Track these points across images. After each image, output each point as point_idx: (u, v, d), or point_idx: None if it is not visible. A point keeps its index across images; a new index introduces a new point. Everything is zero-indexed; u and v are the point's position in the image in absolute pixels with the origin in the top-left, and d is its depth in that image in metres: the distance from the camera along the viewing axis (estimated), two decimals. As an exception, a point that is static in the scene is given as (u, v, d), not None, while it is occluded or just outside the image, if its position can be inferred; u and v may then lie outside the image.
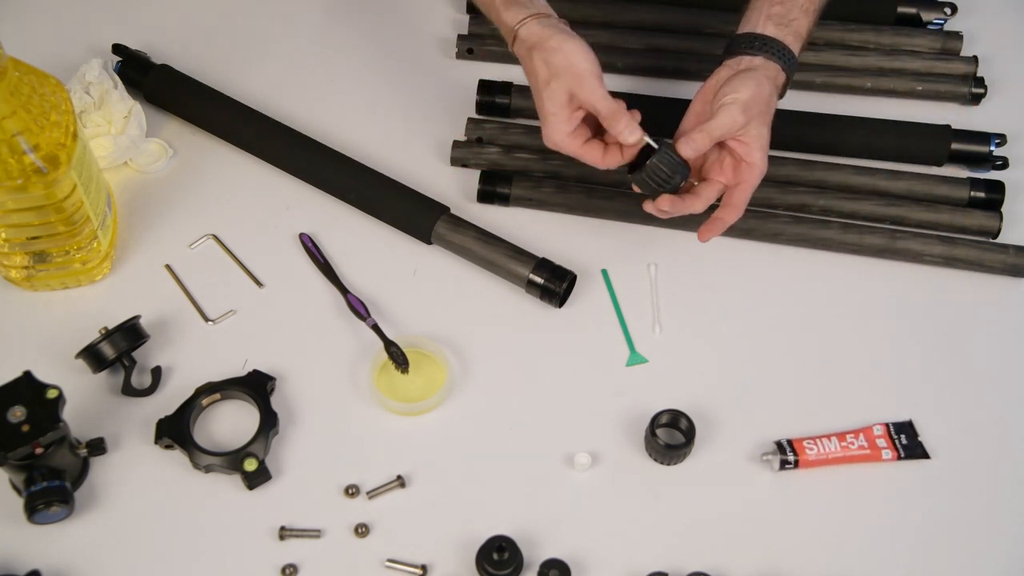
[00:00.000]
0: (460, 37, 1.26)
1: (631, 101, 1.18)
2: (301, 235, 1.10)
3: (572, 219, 1.12)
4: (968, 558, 0.92)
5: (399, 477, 0.94)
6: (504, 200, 1.11)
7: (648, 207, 0.99)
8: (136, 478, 0.94)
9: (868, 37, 1.25)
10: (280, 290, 1.07)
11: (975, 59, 1.23)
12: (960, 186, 1.13)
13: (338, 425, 0.98)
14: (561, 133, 0.97)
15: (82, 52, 1.20)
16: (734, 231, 1.09)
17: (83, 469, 0.93)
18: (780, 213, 1.11)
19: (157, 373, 0.99)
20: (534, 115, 1.18)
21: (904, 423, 0.99)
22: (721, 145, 0.98)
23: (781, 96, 1.01)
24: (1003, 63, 1.27)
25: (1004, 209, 1.12)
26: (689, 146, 0.94)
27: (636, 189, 0.99)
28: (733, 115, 0.94)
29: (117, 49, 1.20)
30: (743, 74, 0.97)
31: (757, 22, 1.00)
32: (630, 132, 0.95)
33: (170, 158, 1.15)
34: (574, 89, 0.95)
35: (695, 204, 0.97)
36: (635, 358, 1.03)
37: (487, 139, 1.16)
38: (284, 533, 0.91)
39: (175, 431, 0.94)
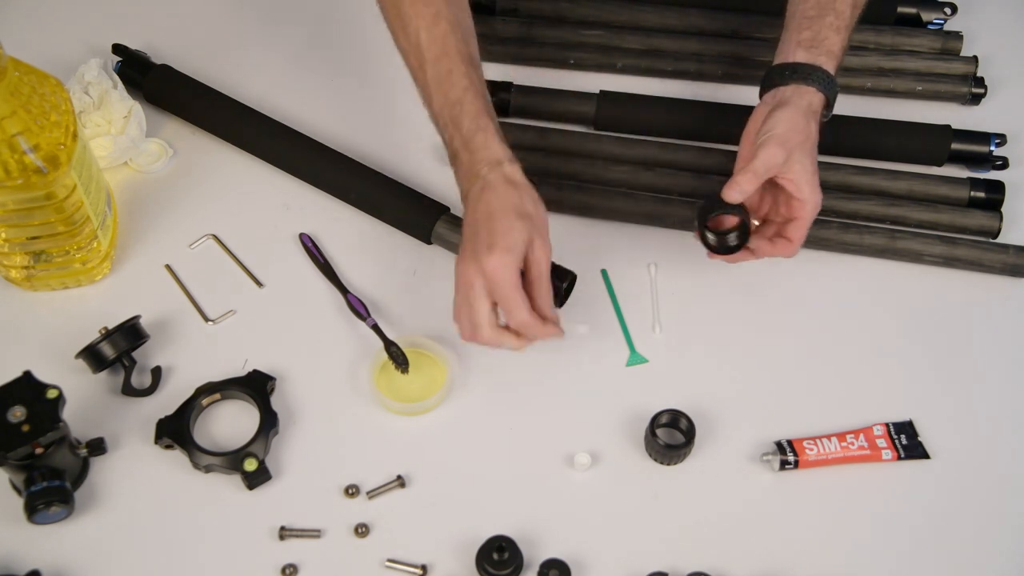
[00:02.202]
0: (460, 37, 1.25)
1: (630, 101, 1.19)
2: (301, 235, 1.10)
3: (572, 219, 1.12)
4: (968, 558, 0.92)
5: (399, 477, 0.94)
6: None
7: (727, 260, 0.99)
8: (136, 478, 0.94)
9: (868, 37, 1.25)
10: (280, 290, 1.07)
11: (975, 59, 1.23)
12: (960, 186, 1.13)
13: (338, 425, 0.98)
14: (509, 271, 0.88)
15: (82, 52, 1.20)
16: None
17: (83, 469, 0.93)
18: (780, 213, 1.11)
19: (157, 373, 0.99)
20: (534, 115, 1.19)
21: (904, 423, 0.99)
22: (774, 184, 0.97)
23: (826, 116, 1.00)
24: (1003, 63, 1.27)
25: (1004, 209, 1.12)
26: (734, 191, 0.93)
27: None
28: (770, 152, 0.93)
29: (117, 49, 1.20)
30: (777, 109, 0.96)
31: (788, 51, 0.99)
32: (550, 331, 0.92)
33: (170, 158, 1.15)
34: (536, 237, 0.90)
35: (787, 248, 0.98)
36: (635, 358, 1.03)
37: (487, 139, 1.16)
38: (284, 533, 0.91)
39: (175, 431, 0.94)
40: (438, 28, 0.95)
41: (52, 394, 0.88)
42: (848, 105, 1.22)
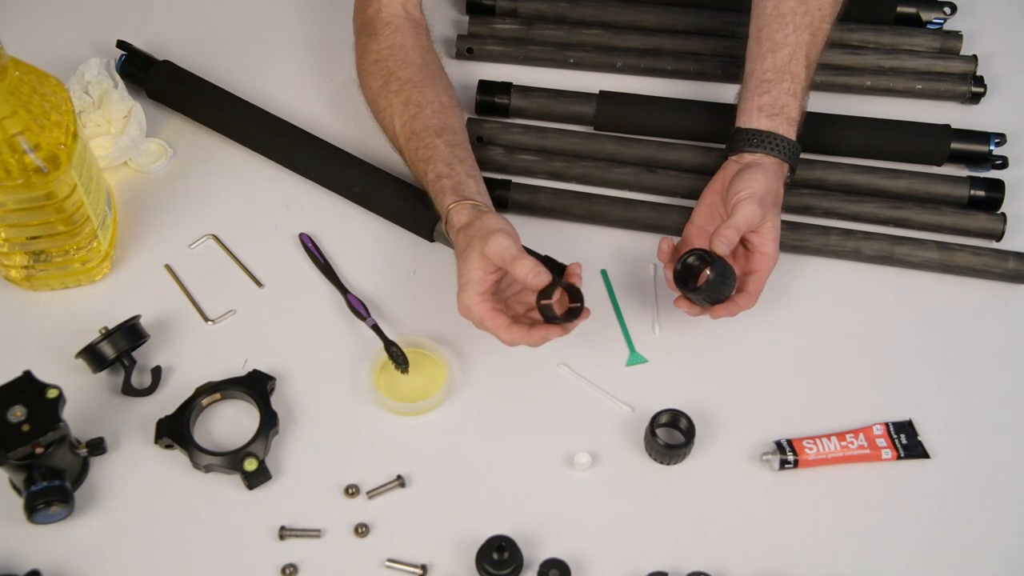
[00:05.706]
0: (460, 37, 1.26)
1: (630, 101, 1.19)
2: (301, 235, 1.10)
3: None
4: (968, 558, 0.92)
5: (399, 477, 0.94)
6: (502, 204, 1.11)
7: (712, 312, 0.98)
8: (136, 478, 0.94)
9: (868, 37, 1.25)
10: (280, 290, 1.07)
11: (975, 58, 1.23)
12: (960, 185, 1.13)
13: (338, 425, 0.98)
14: (472, 294, 0.93)
15: (83, 51, 1.20)
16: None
17: (83, 469, 0.93)
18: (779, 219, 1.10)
19: (157, 373, 0.99)
20: (534, 115, 1.19)
21: (904, 423, 0.99)
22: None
23: (789, 179, 1.04)
24: (1003, 63, 1.27)
25: (1004, 209, 1.12)
26: (723, 243, 0.95)
27: (683, 307, 0.99)
28: (752, 208, 0.96)
29: (121, 45, 1.20)
30: (751, 169, 1.00)
31: (750, 116, 1.03)
32: (534, 275, 0.90)
33: (170, 158, 1.15)
34: (486, 249, 0.91)
35: (749, 300, 0.98)
36: (635, 358, 1.03)
37: (487, 139, 1.16)
38: (284, 533, 0.91)
39: (175, 431, 0.94)
40: (407, 113, 1.04)
41: (52, 394, 0.88)
42: (848, 105, 1.22)
